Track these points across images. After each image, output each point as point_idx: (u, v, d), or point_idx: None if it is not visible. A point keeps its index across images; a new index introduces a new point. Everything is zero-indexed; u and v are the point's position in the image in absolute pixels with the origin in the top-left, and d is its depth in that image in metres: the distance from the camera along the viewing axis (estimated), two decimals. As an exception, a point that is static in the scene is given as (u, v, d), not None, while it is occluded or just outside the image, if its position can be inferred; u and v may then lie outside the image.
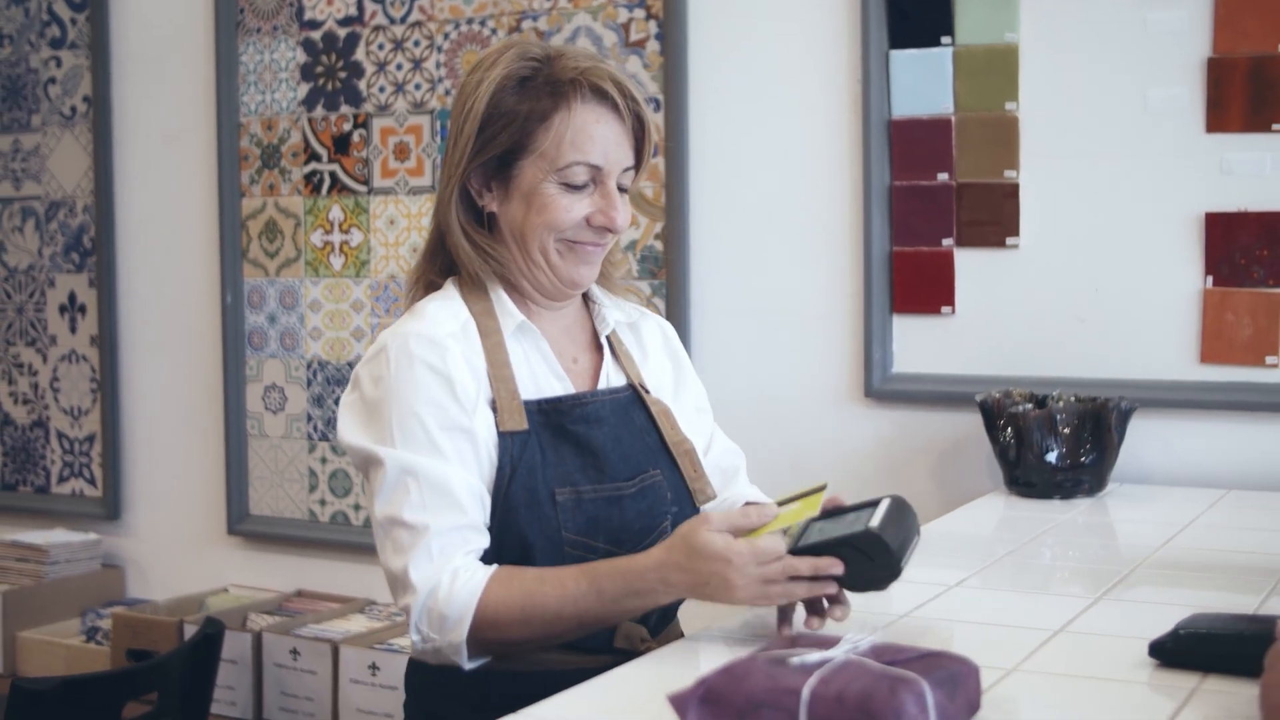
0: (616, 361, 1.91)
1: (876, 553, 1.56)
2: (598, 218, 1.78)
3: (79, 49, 3.81)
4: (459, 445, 1.71)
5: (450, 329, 1.76)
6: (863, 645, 1.33)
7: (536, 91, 1.76)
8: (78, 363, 3.87)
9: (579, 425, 1.79)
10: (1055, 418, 2.51)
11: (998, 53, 2.76)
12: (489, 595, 1.64)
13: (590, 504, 1.76)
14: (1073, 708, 1.41)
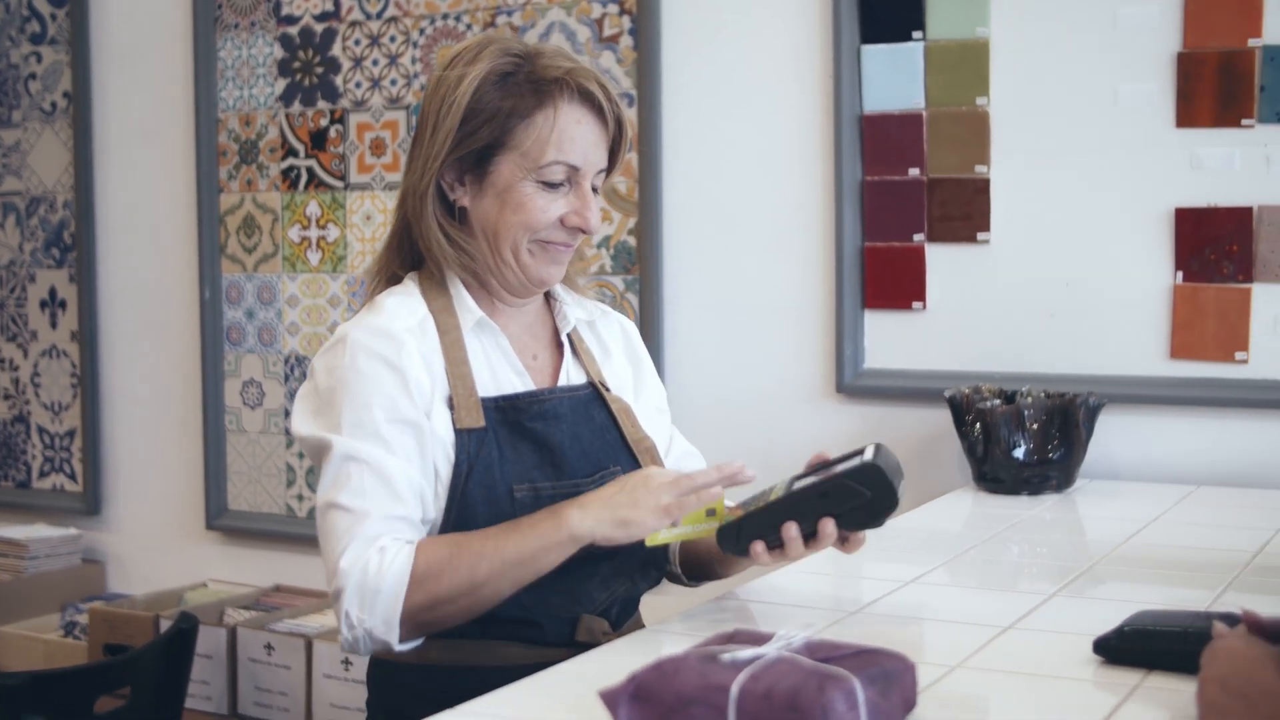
0: (577, 359, 1.91)
1: (875, 484, 1.61)
2: (572, 218, 1.79)
3: (59, 45, 3.81)
4: (406, 440, 1.71)
5: (408, 324, 1.76)
6: (796, 642, 1.32)
7: (519, 88, 1.76)
8: (58, 358, 3.87)
9: (537, 422, 1.79)
10: (1023, 414, 2.50)
11: (968, 48, 2.76)
12: (419, 555, 1.65)
13: (549, 500, 1.76)
14: (1012, 704, 1.41)
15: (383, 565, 1.64)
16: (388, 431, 1.70)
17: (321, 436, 1.71)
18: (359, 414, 1.70)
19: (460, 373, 1.77)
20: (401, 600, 1.64)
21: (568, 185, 1.78)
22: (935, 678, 1.45)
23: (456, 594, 1.66)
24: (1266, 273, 2.57)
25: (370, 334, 1.74)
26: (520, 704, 1.42)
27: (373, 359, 1.72)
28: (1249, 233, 2.58)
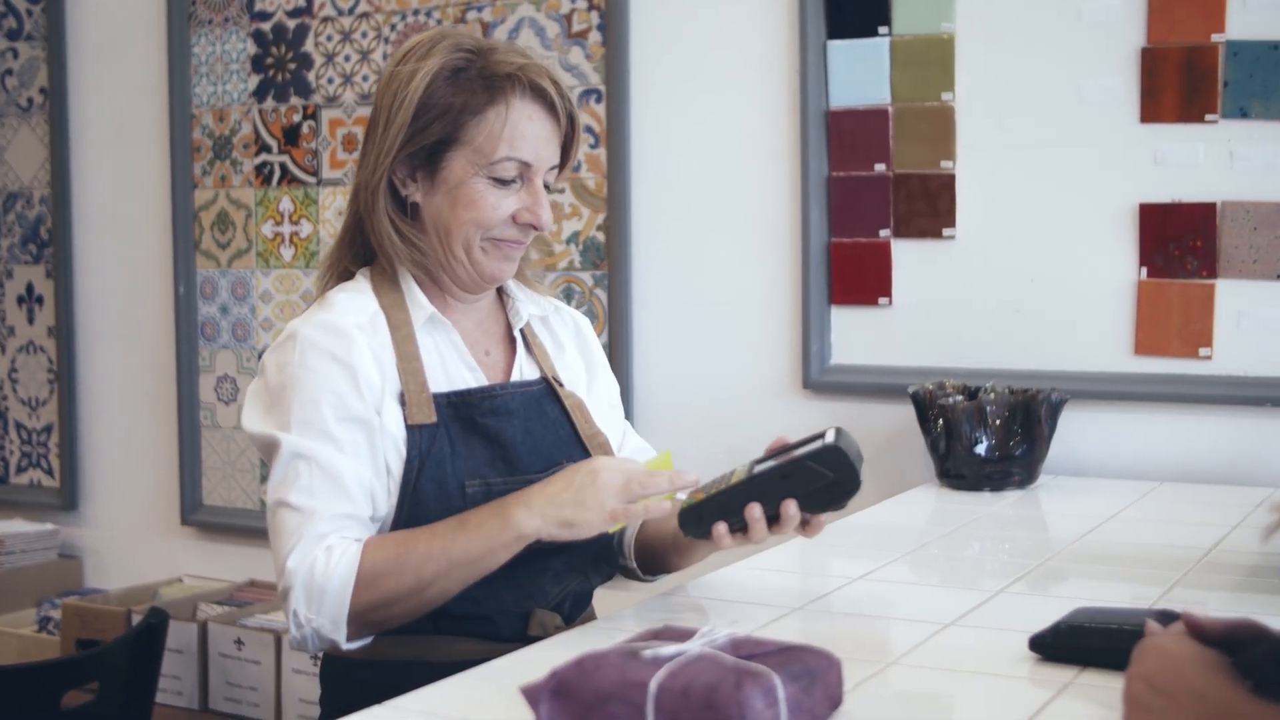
0: (530, 354, 1.91)
1: (837, 466, 1.63)
2: (524, 215, 1.78)
3: (35, 41, 3.81)
4: (355, 437, 1.71)
5: (358, 320, 1.76)
6: (719, 638, 1.32)
7: (471, 84, 1.76)
8: (35, 353, 3.87)
9: (489, 418, 1.79)
10: (985, 410, 2.50)
11: (934, 43, 2.75)
12: (365, 556, 1.65)
13: (500, 495, 1.76)
14: (941, 702, 1.42)
15: (329, 565, 1.65)
16: (337, 429, 1.70)
17: (271, 434, 1.72)
18: (308, 411, 1.70)
19: (412, 368, 1.77)
20: (348, 600, 1.64)
21: (519, 182, 1.78)
22: (868, 674, 1.45)
23: (404, 594, 1.66)
24: (1230, 268, 2.57)
25: (320, 330, 1.74)
26: (457, 697, 1.42)
27: (322, 356, 1.72)
28: (1213, 228, 2.58)
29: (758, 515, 1.64)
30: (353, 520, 1.70)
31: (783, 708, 1.24)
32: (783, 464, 1.65)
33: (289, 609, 1.67)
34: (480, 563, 1.67)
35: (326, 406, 1.70)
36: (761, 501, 1.64)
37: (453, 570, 1.66)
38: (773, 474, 1.65)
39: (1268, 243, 2.54)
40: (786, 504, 1.64)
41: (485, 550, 1.66)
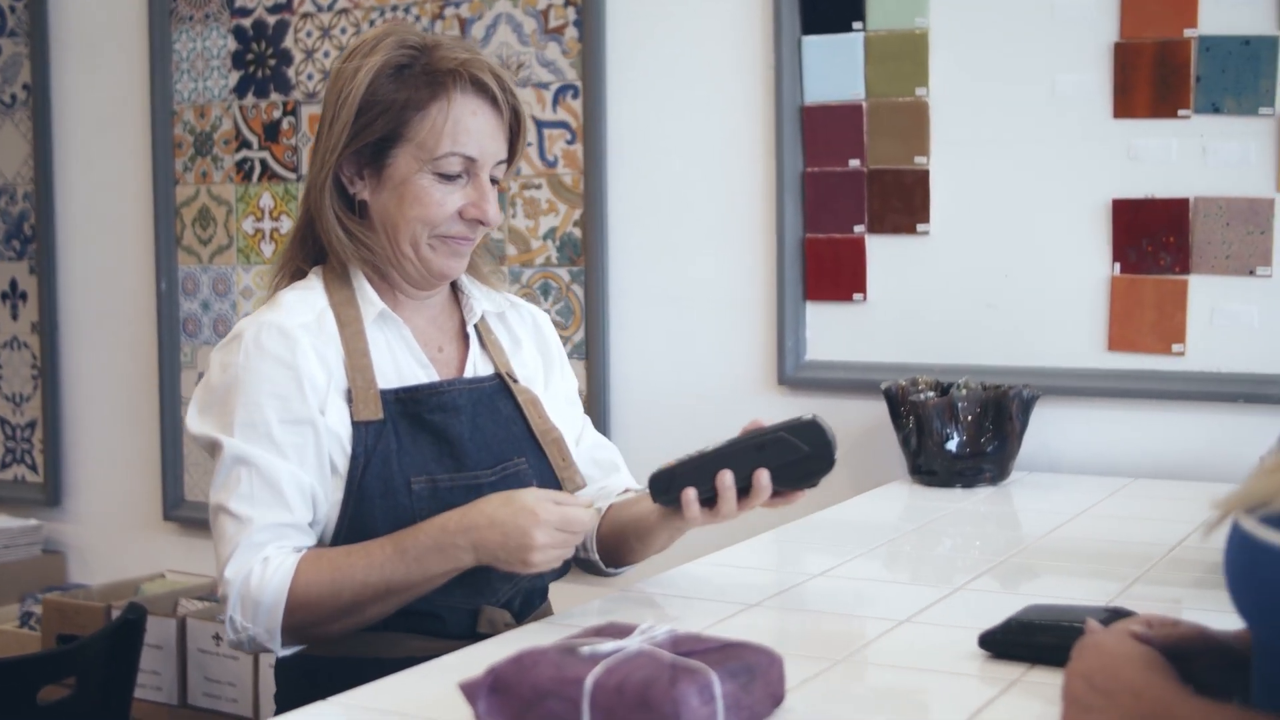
0: (484, 351, 1.91)
1: (813, 441, 1.64)
2: (470, 210, 1.78)
3: (18, 37, 3.81)
4: (298, 440, 1.71)
5: (304, 320, 1.76)
6: (659, 635, 1.32)
7: (414, 80, 1.76)
8: (19, 349, 3.88)
9: (436, 414, 1.79)
10: (956, 406, 2.50)
11: (908, 38, 2.75)
12: (300, 576, 1.66)
13: (447, 492, 1.76)
14: (885, 698, 1.41)
15: (264, 578, 1.65)
16: (279, 433, 1.70)
17: (213, 435, 1.72)
18: (251, 414, 1.70)
19: (360, 365, 1.77)
20: (280, 615, 1.66)
21: (465, 177, 1.78)
22: (816, 672, 1.45)
23: (337, 617, 1.68)
24: (1203, 264, 2.57)
25: (266, 331, 1.74)
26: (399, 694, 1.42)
27: (266, 357, 1.72)
28: (1185, 224, 2.57)
29: (729, 483, 1.65)
30: (291, 529, 1.70)
31: (719, 705, 1.24)
32: (758, 434, 1.66)
33: (226, 615, 1.69)
34: (417, 589, 1.69)
35: (269, 410, 1.70)
36: (734, 470, 1.64)
37: (389, 597, 1.68)
38: (748, 443, 1.66)
39: (1240, 238, 2.54)
40: (759, 474, 1.64)
41: (423, 580, 1.68)
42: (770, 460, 1.65)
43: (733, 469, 1.65)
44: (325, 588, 1.66)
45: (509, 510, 1.64)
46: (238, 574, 1.66)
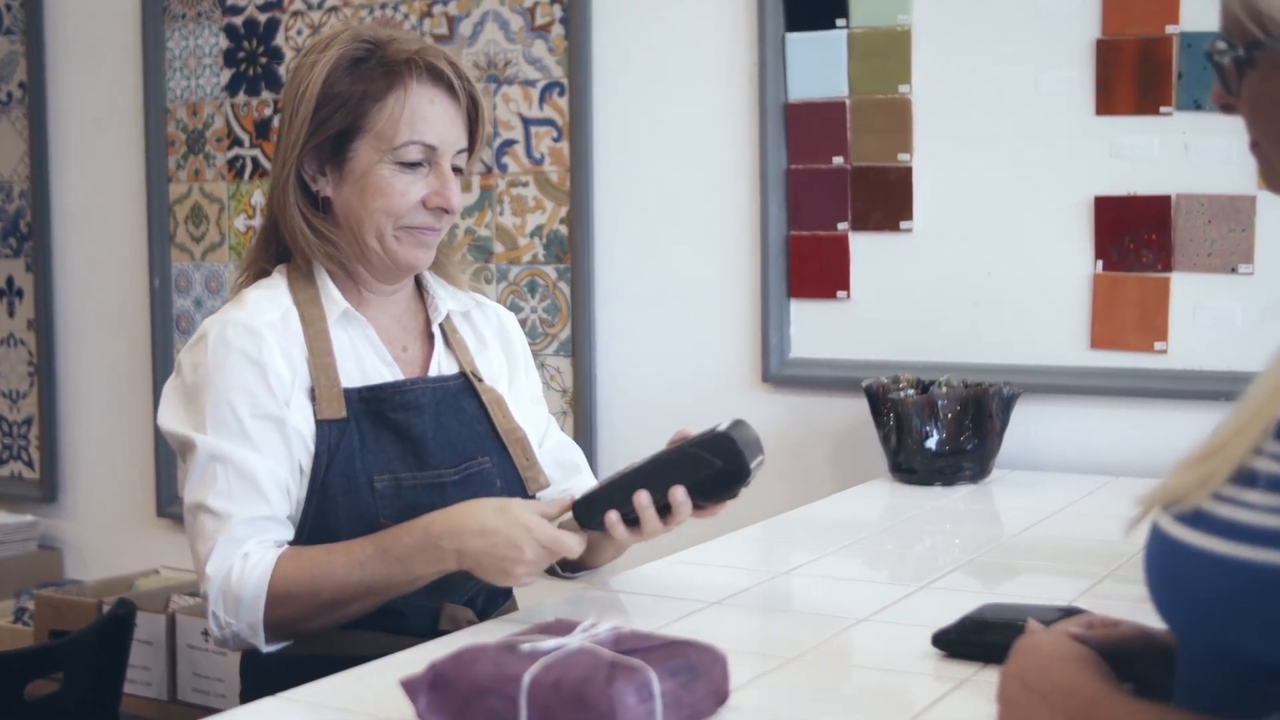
0: (449, 350, 1.91)
1: (725, 454, 1.61)
2: (433, 199, 1.78)
3: (14, 35, 3.83)
4: (269, 435, 1.72)
5: (269, 318, 1.77)
6: (602, 633, 1.33)
7: (370, 73, 1.77)
8: (16, 346, 3.90)
9: (399, 413, 1.79)
10: (936, 404, 2.50)
11: (891, 35, 2.75)
12: (279, 571, 1.65)
13: (410, 491, 1.76)
14: (832, 697, 1.41)
15: (244, 574, 1.65)
16: (252, 428, 1.71)
17: (186, 434, 1.72)
18: (222, 411, 1.71)
19: (323, 363, 1.77)
20: (261, 610, 1.66)
21: (427, 166, 1.78)
22: (766, 670, 1.45)
23: (317, 614, 1.68)
24: (1185, 262, 2.56)
25: (232, 329, 1.74)
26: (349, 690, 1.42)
27: (233, 354, 1.72)
28: (1167, 221, 2.56)
29: (645, 502, 1.63)
30: (270, 521, 1.70)
31: (658, 703, 1.24)
32: (670, 451, 1.65)
33: (208, 611, 1.69)
34: (399, 589, 1.68)
35: (241, 406, 1.71)
36: (650, 489, 1.63)
37: (369, 596, 1.68)
38: (661, 461, 1.64)
39: (1222, 236, 2.53)
40: (674, 490, 1.63)
41: (406, 581, 1.67)
42: (685, 477, 1.63)
43: (650, 488, 1.63)
44: (305, 585, 1.65)
45: (502, 520, 1.63)
46: (218, 570, 1.66)
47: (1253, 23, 1.09)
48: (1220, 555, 1.05)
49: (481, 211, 3.15)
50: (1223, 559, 1.05)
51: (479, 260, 3.15)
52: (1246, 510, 1.05)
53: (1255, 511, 1.04)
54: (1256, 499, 1.04)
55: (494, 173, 3.14)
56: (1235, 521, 1.05)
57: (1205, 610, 1.07)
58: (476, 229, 3.16)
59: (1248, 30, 1.10)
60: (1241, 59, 1.11)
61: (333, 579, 1.66)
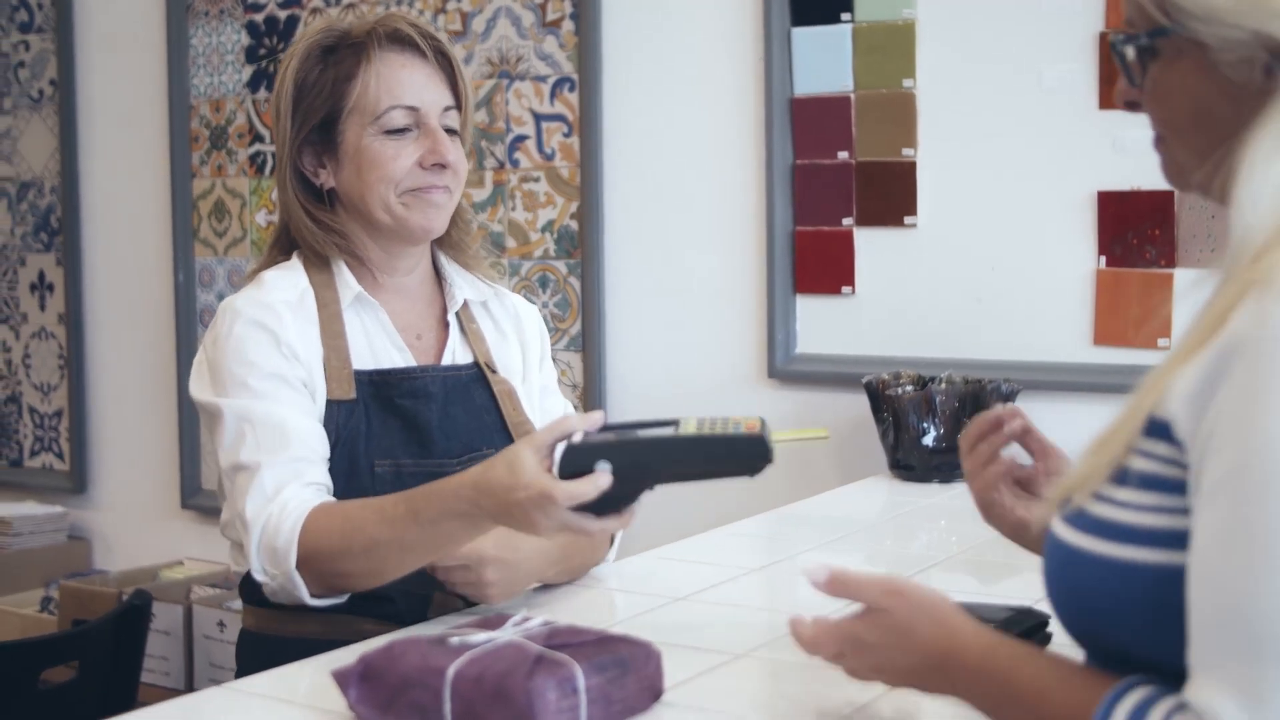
0: (464, 339, 1.91)
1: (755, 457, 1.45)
2: (428, 158, 1.79)
3: (46, 33, 3.89)
4: (288, 391, 1.73)
5: (286, 297, 1.79)
6: (533, 627, 1.33)
7: (340, 56, 1.80)
8: (47, 339, 3.96)
9: (407, 399, 1.80)
10: (934, 400, 2.48)
11: (895, 30, 2.73)
12: (310, 524, 1.63)
13: (411, 478, 1.76)
14: (771, 693, 1.41)
15: (280, 523, 1.64)
16: (271, 386, 1.72)
17: (213, 400, 1.74)
18: (244, 373, 1.73)
19: (336, 345, 1.79)
20: (293, 560, 1.63)
21: (415, 129, 1.79)
22: (712, 665, 1.45)
23: (353, 569, 1.64)
24: (1188, 257, 2.53)
25: (250, 304, 1.77)
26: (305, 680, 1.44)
27: (251, 325, 1.75)
28: (1171, 217, 2.53)
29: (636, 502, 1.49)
30: (302, 462, 1.69)
31: (582, 698, 1.25)
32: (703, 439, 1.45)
33: (253, 563, 1.67)
34: (437, 549, 1.62)
35: (262, 366, 1.72)
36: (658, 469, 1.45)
37: (405, 556, 1.62)
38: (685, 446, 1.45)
39: (1225, 231, 2.49)
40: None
41: (440, 540, 1.60)
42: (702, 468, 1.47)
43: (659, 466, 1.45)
44: (336, 540, 1.62)
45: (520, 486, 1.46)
46: (256, 520, 1.65)
47: (1156, 9, 1.08)
48: (1093, 554, 1.05)
49: (494, 206, 3.17)
50: (1096, 558, 1.04)
51: (491, 256, 3.16)
52: (1118, 508, 1.04)
53: (1125, 509, 1.04)
54: (1126, 497, 1.04)
55: (506, 168, 3.15)
56: (1107, 520, 1.05)
57: (1085, 608, 1.07)
58: (489, 224, 3.18)
59: (1151, 17, 1.09)
60: (1145, 47, 1.10)
61: (363, 535, 1.62)
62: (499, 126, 3.15)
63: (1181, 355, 1.03)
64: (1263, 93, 1.04)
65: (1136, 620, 1.02)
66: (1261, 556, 0.92)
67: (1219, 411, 0.97)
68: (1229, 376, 0.97)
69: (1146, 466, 1.04)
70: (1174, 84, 1.10)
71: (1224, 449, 0.95)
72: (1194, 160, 1.10)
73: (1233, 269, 1.03)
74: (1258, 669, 0.91)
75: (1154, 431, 1.04)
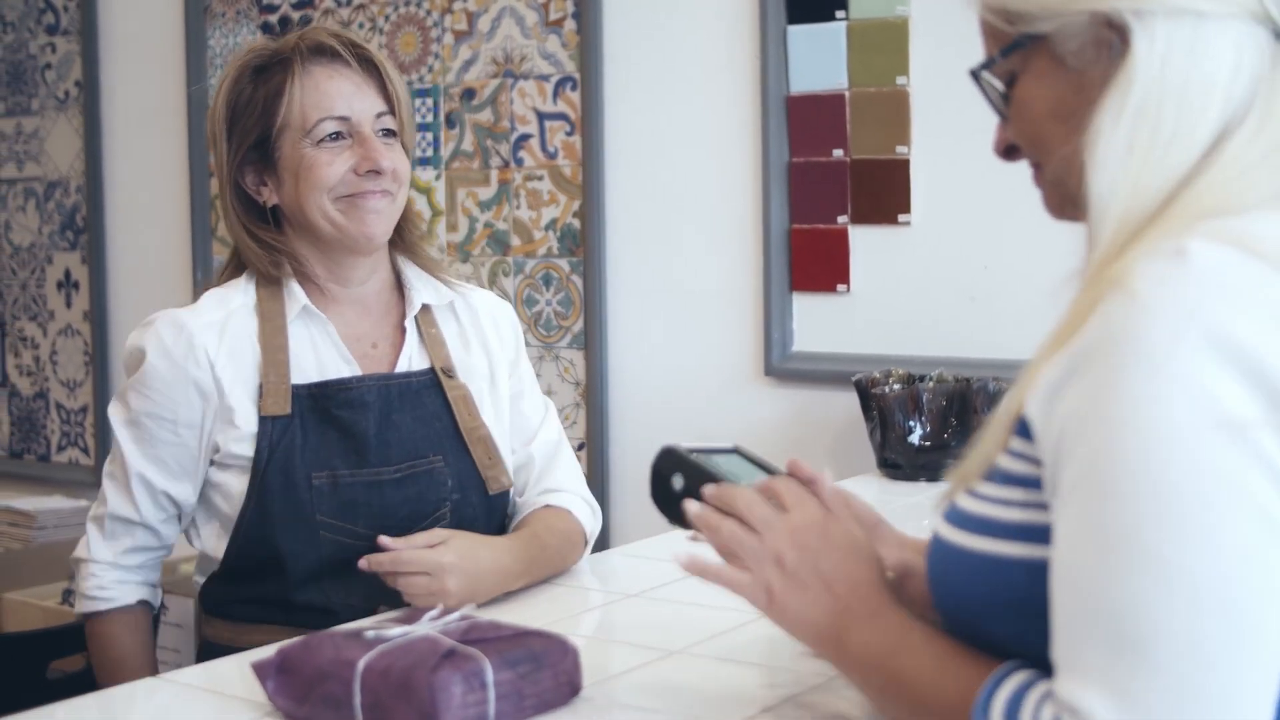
0: (422, 344, 1.91)
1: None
2: (362, 164, 1.81)
3: (71, 35, 3.96)
4: (168, 437, 1.81)
5: (210, 319, 1.82)
6: (451, 621, 1.35)
7: (269, 74, 1.83)
8: (72, 336, 4.03)
9: (344, 410, 1.82)
10: (920, 398, 2.47)
11: (888, 27, 2.72)
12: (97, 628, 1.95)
13: (348, 488, 1.79)
14: (693, 690, 1.40)
15: (82, 591, 1.97)
16: (150, 426, 1.82)
17: (112, 406, 1.87)
18: (133, 400, 1.83)
19: (275, 360, 1.81)
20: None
21: (349, 138, 1.82)
22: (642, 662, 1.46)
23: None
24: (1181, 255, 2.50)
25: (167, 326, 1.82)
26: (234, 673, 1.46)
27: (160, 356, 1.81)
28: (1164, 214, 2.50)
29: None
30: (138, 527, 1.90)
31: (490, 692, 1.26)
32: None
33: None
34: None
35: (146, 407, 1.82)
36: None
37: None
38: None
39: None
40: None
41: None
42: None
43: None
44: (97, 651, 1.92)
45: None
46: (83, 565, 1.93)
47: (1005, 23, 1.08)
48: (963, 548, 1.05)
49: (499, 205, 3.19)
50: (965, 552, 1.05)
51: (497, 254, 3.19)
52: (985, 503, 1.05)
53: (991, 504, 1.04)
54: (991, 492, 1.05)
55: (510, 167, 3.17)
56: (975, 515, 1.05)
57: (958, 602, 1.08)
58: (495, 222, 3.20)
59: (1004, 34, 1.09)
60: (1005, 70, 1.10)
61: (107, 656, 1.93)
62: (504, 125, 3.17)
63: (1045, 354, 1.04)
64: (1105, 78, 1.04)
65: (1005, 613, 1.03)
66: (1115, 556, 0.92)
67: (1069, 411, 0.97)
68: (1079, 377, 0.97)
69: (1008, 462, 1.04)
70: (1031, 93, 1.10)
71: (1076, 449, 0.96)
72: (1063, 170, 1.09)
73: (1095, 267, 1.03)
74: (1119, 664, 0.91)
75: (1017, 428, 1.04)
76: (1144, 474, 0.92)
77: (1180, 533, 0.90)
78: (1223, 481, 0.90)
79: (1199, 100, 1.01)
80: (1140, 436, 0.92)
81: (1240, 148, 1.01)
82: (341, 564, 1.76)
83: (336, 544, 1.78)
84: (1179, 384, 0.91)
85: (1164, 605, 0.90)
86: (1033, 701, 0.96)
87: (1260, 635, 0.90)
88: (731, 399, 2.94)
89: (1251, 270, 0.95)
